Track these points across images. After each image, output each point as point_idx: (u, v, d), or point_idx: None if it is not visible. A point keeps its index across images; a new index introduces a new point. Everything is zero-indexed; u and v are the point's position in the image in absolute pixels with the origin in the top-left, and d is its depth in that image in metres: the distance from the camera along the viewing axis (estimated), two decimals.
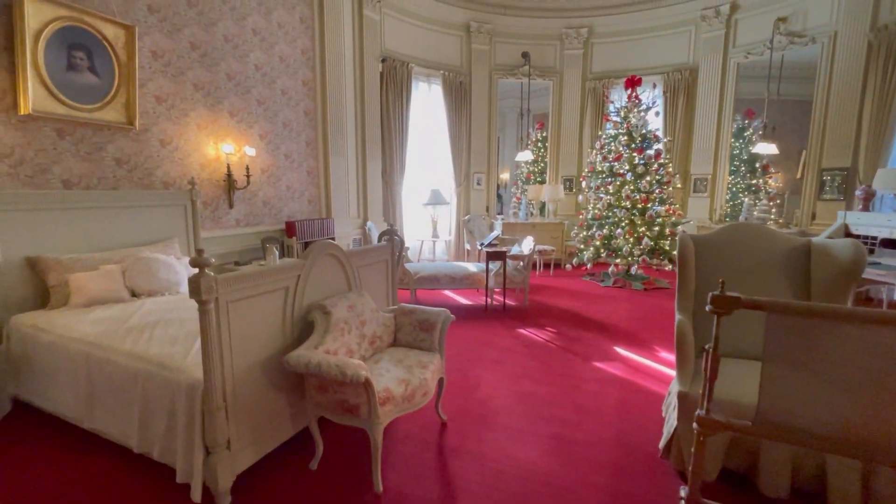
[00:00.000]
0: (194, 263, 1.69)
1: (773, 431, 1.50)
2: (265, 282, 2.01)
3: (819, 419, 1.40)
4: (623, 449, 2.30)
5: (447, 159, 7.30)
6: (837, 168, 5.69)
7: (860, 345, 1.30)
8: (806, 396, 1.41)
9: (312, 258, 2.28)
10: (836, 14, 5.61)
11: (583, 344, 3.87)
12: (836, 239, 2.31)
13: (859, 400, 1.33)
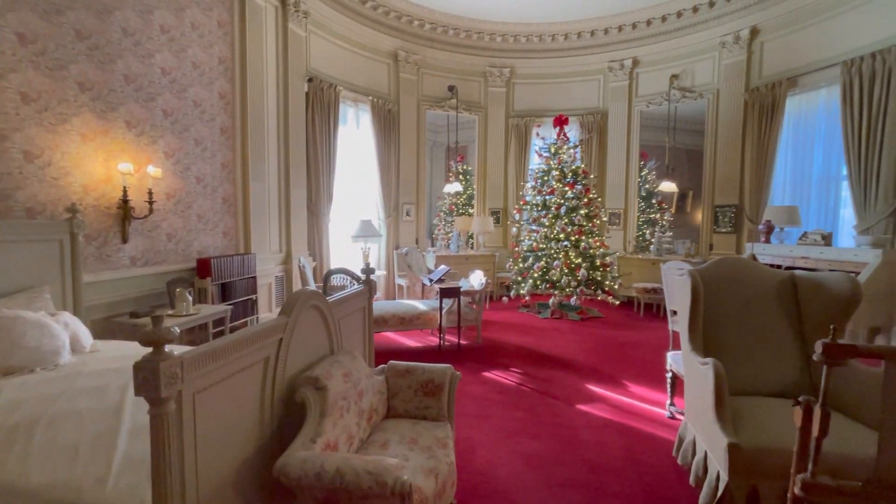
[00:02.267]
0: (149, 340, 1.06)
1: (885, 490, 1.37)
2: (242, 353, 1.40)
3: None
4: None
5: (376, 189, 6.85)
6: (728, 205, 6.55)
7: None
8: None
9: (296, 313, 1.70)
10: (717, 75, 6.59)
11: (556, 384, 3.67)
12: (828, 272, 2.43)
13: None
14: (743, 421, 2.02)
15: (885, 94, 4.71)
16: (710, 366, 2.04)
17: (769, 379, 2.36)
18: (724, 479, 1.91)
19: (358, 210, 6.69)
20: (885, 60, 4.70)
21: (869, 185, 4.87)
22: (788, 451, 1.84)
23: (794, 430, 1.93)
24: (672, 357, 3.07)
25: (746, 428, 1.97)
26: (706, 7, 6.39)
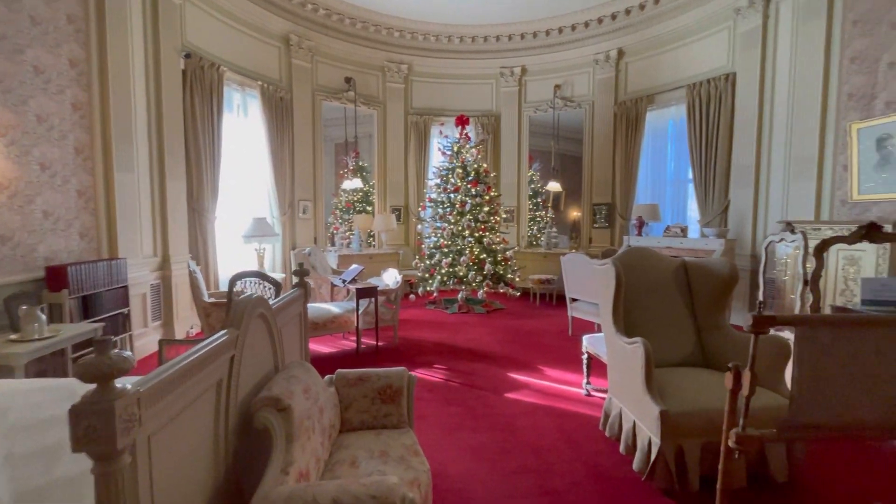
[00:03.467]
0: (95, 373, 0.78)
1: (798, 433, 1.68)
2: (195, 380, 1.13)
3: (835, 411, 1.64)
4: (604, 483, 2.25)
5: (269, 184, 6.23)
6: (603, 203, 7.45)
7: (869, 342, 1.59)
8: (826, 393, 1.63)
9: (246, 324, 1.44)
10: (592, 88, 7.44)
11: (480, 376, 3.76)
12: (712, 258, 2.90)
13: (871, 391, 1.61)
14: (664, 390, 2.30)
15: (718, 113, 5.83)
16: (640, 344, 2.28)
17: (673, 351, 2.73)
18: (657, 443, 2.15)
19: (249, 208, 6.01)
20: (717, 86, 5.81)
21: (708, 187, 5.98)
22: (705, 412, 2.16)
23: (710, 392, 2.27)
24: (588, 340, 3.36)
25: (669, 396, 2.24)
26: (582, 27, 7.16)
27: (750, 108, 5.47)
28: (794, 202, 4.96)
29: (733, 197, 5.73)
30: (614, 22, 6.87)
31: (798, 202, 4.91)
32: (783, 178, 5.13)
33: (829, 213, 4.61)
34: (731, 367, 1.72)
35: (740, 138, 5.62)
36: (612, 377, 2.74)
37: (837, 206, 4.55)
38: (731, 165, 5.76)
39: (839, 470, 2.33)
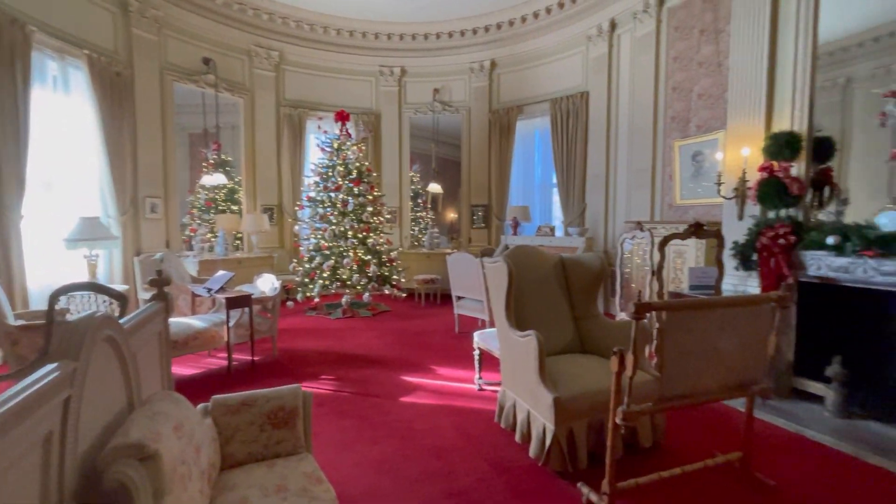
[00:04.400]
0: None
1: (670, 401, 1.92)
2: (8, 440, 0.80)
3: (692, 381, 1.92)
4: (506, 474, 2.31)
5: (104, 178, 5.12)
6: (480, 205, 7.85)
7: (713, 321, 1.89)
8: (685, 367, 1.89)
9: (87, 352, 1.09)
10: (469, 95, 7.78)
11: (372, 383, 3.60)
12: (585, 254, 3.20)
13: (715, 361, 1.92)
14: (553, 378, 2.46)
15: (576, 127, 6.58)
16: (533, 336, 2.40)
17: (556, 341, 2.95)
18: (551, 429, 2.29)
19: (75, 206, 4.84)
20: (575, 102, 6.56)
21: (570, 191, 6.71)
22: (590, 395, 2.35)
23: (592, 376, 2.48)
24: (479, 336, 3.46)
25: (559, 383, 2.40)
26: (459, 35, 7.44)
27: (600, 123, 6.30)
28: (635, 205, 5.84)
29: (589, 201, 6.53)
30: (487, 34, 7.29)
31: (638, 205, 5.80)
32: (626, 186, 6.01)
33: (660, 215, 5.54)
34: (616, 351, 1.89)
35: (593, 150, 6.43)
36: (505, 370, 2.84)
37: (665, 209, 5.50)
38: (587, 173, 6.55)
39: (688, 430, 2.78)
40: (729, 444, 2.44)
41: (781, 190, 3.20)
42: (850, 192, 3.23)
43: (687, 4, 5.13)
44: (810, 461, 2.44)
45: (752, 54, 3.59)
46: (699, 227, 2.57)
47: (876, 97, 3.09)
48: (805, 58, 3.26)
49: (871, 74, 3.21)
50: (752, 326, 2.03)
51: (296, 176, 7.34)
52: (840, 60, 3.31)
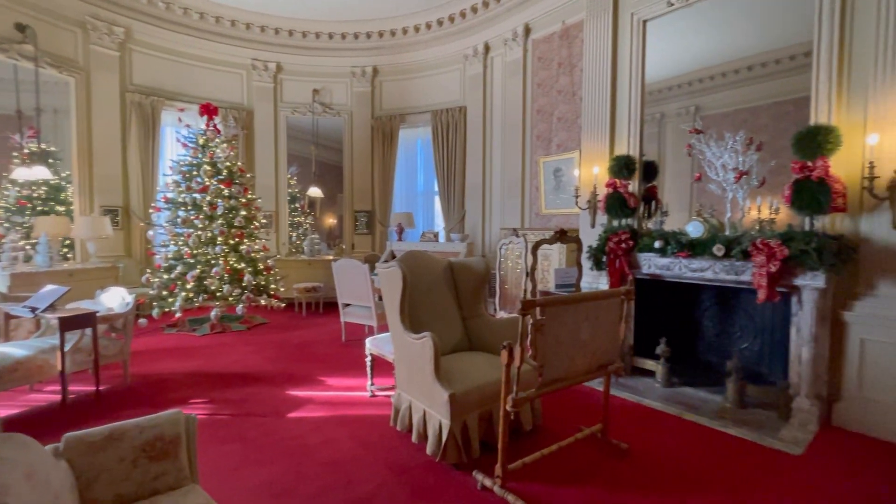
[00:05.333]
0: None
1: (550, 385, 2.18)
2: None
3: (565, 367, 2.22)
4: (405, 474, 2.37)
5: None
6: (364, 211, 7.78)
7: (580, 313, 2.21)
8: (561, 355, 2.18)
9: None
10: (351, 99, 7.68)
11: (255, 402, 3.33)
12: (471, 258, 3.43)
13: (582, 347, 2.25)
14: (447, 375, 2.60)
15: (455, 138, 6.98)
16: (429, 338, 2.50)
17: (448, 340, 3.11)
18: (447, 424, 2.42)
19: None
20: (454, 116, 6.96)
21: (451, 199, 7.08)
22: (481, 388, 2.55)
23: (481, 371, 2.68)
24: (371, 342, 3.45)
25: (453, 380, 2.55)
26: (339, 38, 7.31)
27: (477, 137, 6.79)
28: (509, 213, 6.43)
29: (468, 208, 6.97)
30: (370, 41, 7.30)
31: (511, 213, 6.39)
32: (501, 195, 6.58)
33: (530, 222, 6.19)
34: (505, 345, 2.10)
35: (471, 161, 6.89)
36: (399, 373, 2.90)
37: (534, 217, 6.16)
38: (465, 182, 6.99)
39: (560, 411, 3.17)
40: (592, 419, 2.86)
41: (622, 203, 3.88)
42: (669, 206, 4.05)
43: (548, 39, 5.86)
44: (648, 424, 3.00)
45: (598, 90, 4.28)
46: (563, 234, 2.97)
47: (683, 131, 3.94)
48: (636, 96, 4.01)
49: (678, 112, 4.09)
50: (608, 316, 2.44)
51: (148, 174, 6.38)
52: (657, 100, 4.13)
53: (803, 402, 2.92)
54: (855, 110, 2.87)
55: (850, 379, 2.87)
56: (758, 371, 3.48)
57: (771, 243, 2.87)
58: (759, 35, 3.45)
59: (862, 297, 2.84)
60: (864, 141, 2.76)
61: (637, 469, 2.43)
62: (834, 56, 2.91)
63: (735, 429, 2.89)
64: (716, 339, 3.81)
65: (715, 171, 3.48)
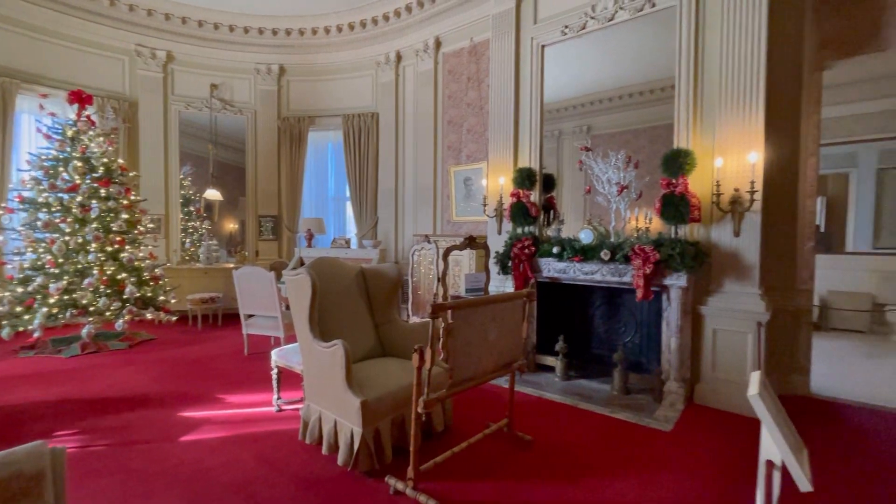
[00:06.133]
0: None
1: (460, 385, 2.27)
2: None
3: (474, 366, 2.33)
4: (317, 487, 2.29)
5: None
6: (269, 215, 7.36)
7: (487, 315, 2.34)
8: (470, 355, 2.29)
9: None
10: (254, 97, 7.24)
11: (139, 429, 2.98)
12: (383, 264, 3.43)
13: (489, 346, 2.37)
14: (359, 383, 2.58)
15: (367, 144, 6.93)
16: (339, 345, 2.47)
17: (361, 347, 3.09)
18: (359, 432, 2.40)
19: None
20: (366, 121, 6.91)
21: (363, 205, 6.99)
22: (393, 393, 2.58)
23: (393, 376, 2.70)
24: (277, 354, 3.28)
25: (365, 387, 2.54)
26: (242, 31, 6.88)
27: (390, 143, 6.81)
28: (421, 220, 6.53)
29: (381, 214, 6.95)
30: (276, 38, 6.97)
31: (423, 220, 6.51)
32: (413, 201, 6.66)
33: (441, 229, 6.36)
34: (417, 348, 2.16)
35: (384, 167, 6.89)
36: (309, 384, 2.80)
37: (445, 223, 6.34)
38: (378, 188, 6.96)
39: (470, 410, 3.30)
40: (499, 415, 3.03)
41: (525, 212, 4.18)
42: (566, 215, 4.45)
43: (457, 54, 6.11)
44: (549, 415, 3.26)
45: (503, 106, 4.57)
46: (472, 240, 3.12)
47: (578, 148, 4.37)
48: (536, 113, 4.36)
49: (573, 130, 4.52)
50: (512, 317, 2.61)
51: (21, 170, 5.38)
52: (556, 118, 4.53)
53: (672, 386, 3.40)
54: (706, 137, 3.43)
55: (706, 363, 3.40)
56: (639, 361, 3.96)
57: (646, 249, 3.31)
58: (637, 68, 3.97)
59: (713, 294, 3.39)
60: (713, 163, 3.32)
61: (540, 458, 2.62)
62: (690, 91, 3.47)
63: (621, 413, 3.26)
64: (605, 334, 4.26)
65: (602, 185, 3.91)
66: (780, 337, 3.64)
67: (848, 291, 6.24)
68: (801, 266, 3.65)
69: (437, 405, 2.90)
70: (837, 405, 3.46)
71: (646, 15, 3.73)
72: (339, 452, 2.48)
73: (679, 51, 3.53)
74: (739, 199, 3.21)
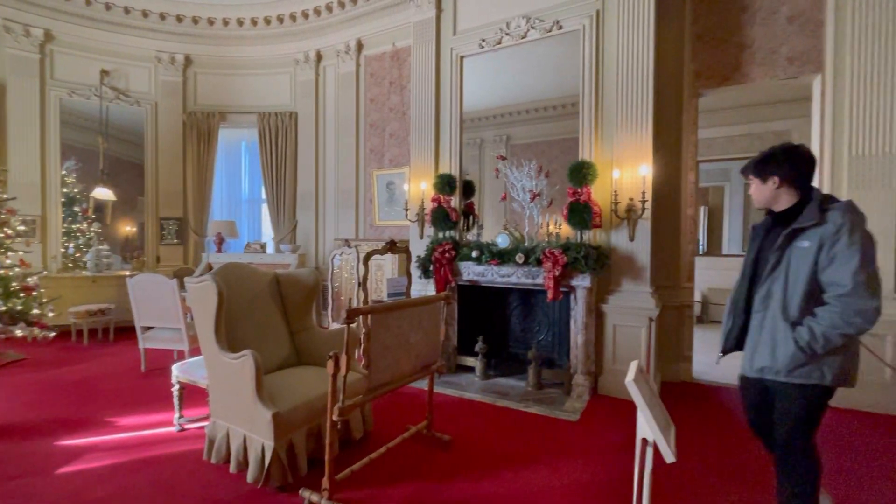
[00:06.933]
0: None
1: (377, 390, 2.26)
2: None
3: (392, 370, 2.34)
4: None
5: None
6: (173, 218, 6.74)
7: (405, 319, 2.36)
8: (388, 359, 2.29)
9: None
10: (155, 88, 6.60)
11: (11, 461, 2.57)
12: (300, 269, 3.30)
13: (408, 350, 2.39)
14: (271, 394, 2.46)
15: (285, 144, 6.64)
16: (249, 356, 2.34)
17: (274, 357, 2.95)
18: (270, 445, 2.29)
19: None
20: (284, 120, 6.62)
21: (280, 208, 6.67)
22: (308, 403, 2.50)
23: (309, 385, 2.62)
24: (179, 369, 3.02)
25: (277, 398, 2.43)
26: (140, 14, 6.25)
27: (309, 145, 6.59)
28: (342, 224, 6.39)
29: (300, 218, 6.68)
30: (181, 25, 6.43)
31: (345, 224, 6.37)
32: (335, 205, 6.50)
33: (364, 233, 6.28)
34: (331, 355, 2.12)
35: (303, 169, 6.65)
36: (215, 399, 2.62)
37: (368, 228, 6.27)
38: (297, 190, 6.69)
39: (390, 414, 3.29)
40: (420, 417, 3.06)
41: (446, 217, 4.28)
42: (487, 220, 4.62)
43: (380, 58, 6.09)
44: (469, 414, 3.36)
45: (425, 113, 4.65)
46: (393, 245, 3.13)
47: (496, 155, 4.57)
48: (456, 121, 4.50)
49: (494, 139, 4.72)
50: (430, 320, 2.66)
51: None
52: (477, 126, 4.69)
53: (580, 379, 3.68)
54: (606, 150, 3.78)
55: (608, 356, 3.73)
56: (551, 357, 4.22)
57: (555, 252, 3.55)
58: (553, 83, 4.24)
59: (613, 293, 3.73)
60: (612, 174, 3.67)
61: (459, 456, 2.70)
62: (592, 108, 3.80)
63: (534, 407, 3.46)
64: (521, 333, 4.49)
65: (516, 192, 4.13)
66: (667, 330, 4.10)
67: (724, 288, 7.20)
68: (684, 267, 4.16)
69: (356, 412, 2.86)
70: (713, 388, 3.98)
71: (554, 36, 4.02)
72: (248, 470, 2.35)
73: (583, 71, 3.85)
74: (634, 208, 3.58)
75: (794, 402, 1.70)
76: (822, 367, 1.64)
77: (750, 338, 1.81)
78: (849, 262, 1.55)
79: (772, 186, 1.79)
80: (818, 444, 1.75)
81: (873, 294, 1.54)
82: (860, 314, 1.54)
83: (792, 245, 1.70)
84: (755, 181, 1.85)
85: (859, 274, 1.54)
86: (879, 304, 1.55)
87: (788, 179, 1.75)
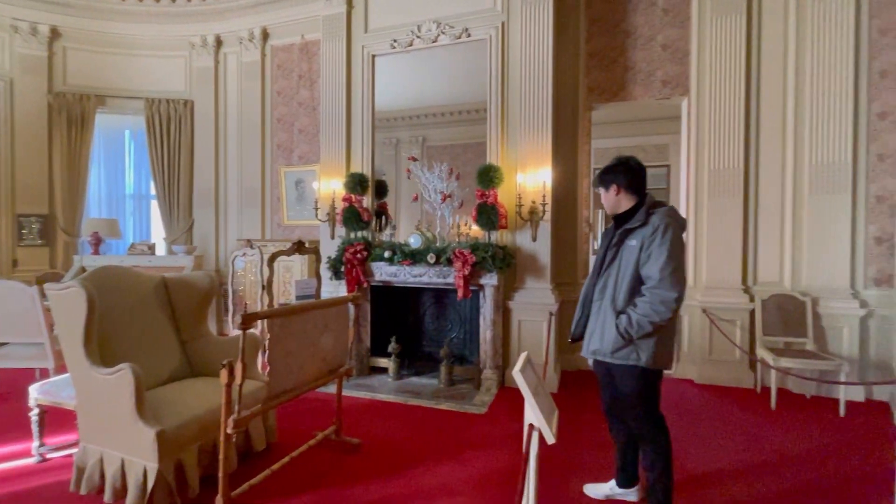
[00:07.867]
0: None
1: (278, 398, 2.15)
2: None
3: (295, 376, 2.24)
4: None
5: None
6: (36, 215, 5.78)
7: (310, 322, 2.28)
8: (291, 365, 2.20)
9: None
10: (10, 62, 5.62)
11: None
12: (193, 272, 3.02)
13: (313, 354, 2.31)
14: (156, 411, 2.23)
15: (179, 134, 6.03)
16: (127, 370, 2.10)
17: (160, 370, 2.67)
18: (154, 467, 2.07)
19: None
20: (178, 109, 6.01)
21: (173, 205, 6.05)
22: (199, 418, 2.32)
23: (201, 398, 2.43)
24: (39, 389, 2.60)
25: (163, 415, 2.21)
26: None
27: (208, 137, 6.06)
28: (247, 223, 5.98)
29: (197, 216, 6.13)
30: None
31: (250, 223, 5.97)
32: (238, 203, 6.05)
33: (271, 233, 5.93)
34: (225, 363, 1.98)
35: (201, 163, 6.10)
36: (84, 422, 2.30)
37: (275, 227, 5.94)
38: (194, 187, 6.12)
39: (297, 422, 3.15)
40: (328, 423, 2.97)
41: (357, 216, 4.21)
42: (401, 221, 4.62)
43: (288, 49, 5.80)
44: (381, 415, 3.34)
45: (335, 109, 4.53)
46: (301, 245, 3.01)
47: None
48: (368, 120, 4.45)
49: (410, 140, 4.73)
50: (338, 323, 2.61)
51: None
52: (393, 126, 4.67)
53: (488, 373, 3.84)
54: (511, 155, 4.00)
55: (514, 350, 3.94)
56: (463, 354, 4.35)
57: (464, 252, 3.67)
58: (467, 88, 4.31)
59: (518, 290, 3.96)
60: (517, 178, 3.88)
61: (368, 459, 2.67)
62: (499, 114, 4.00)
63: (445, 403, 3.54)
64: (434, 332, 4.56)
65: (428, 193, 4.19)
66: (566, 323, 4.44)
67: None
68: (581, 264, 4.54)
69: (258, 422, 2.70)
70: None
71: (464, 42, 4.15)
72: (127, 497, 2.10)
73: (489, 78, 4.03)
74: (536, 210, 3.83)
75: (623, 381, 2.00)
76: (637, 350, 1.93)
77: (590, 324, 2.08)
78: (658, 258, 1.85)
79: (613, 194, 2.07)
80: (665, 416, 2.05)
81: (674, 287, 1.83)
82: (664, 303, 1.84)
83: (624, 243, 1.97)
84: (602, 191, 2.11)
85: (665, 269, 1.83)
86: (680, 295, 1.85)
87: (625, 186, 2.04)
